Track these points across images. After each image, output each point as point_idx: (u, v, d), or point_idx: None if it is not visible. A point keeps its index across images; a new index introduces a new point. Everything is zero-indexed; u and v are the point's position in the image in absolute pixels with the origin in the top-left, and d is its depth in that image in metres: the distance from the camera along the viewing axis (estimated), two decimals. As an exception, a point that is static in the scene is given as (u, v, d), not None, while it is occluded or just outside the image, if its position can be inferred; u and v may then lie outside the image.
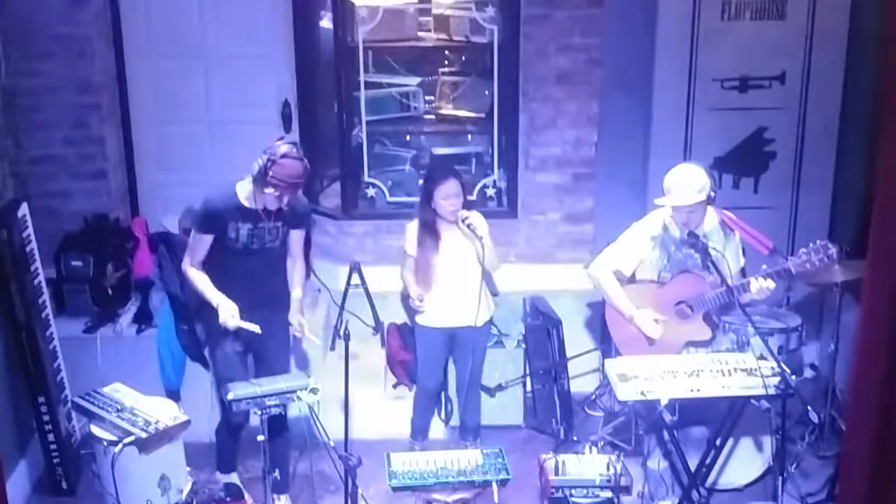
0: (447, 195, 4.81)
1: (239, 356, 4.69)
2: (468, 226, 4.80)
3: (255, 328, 4.49)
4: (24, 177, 5.56)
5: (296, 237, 4.71)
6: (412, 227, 4.97)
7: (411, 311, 5.16)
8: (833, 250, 4.47)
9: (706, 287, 4.68)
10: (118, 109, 6.06)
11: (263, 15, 6.02)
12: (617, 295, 4.79)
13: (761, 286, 4.52)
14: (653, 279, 4.81)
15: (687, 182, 4.57)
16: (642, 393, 4.26)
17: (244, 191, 4.54)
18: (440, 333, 5.02)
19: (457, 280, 4.91)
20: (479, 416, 5.26)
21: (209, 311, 4.58)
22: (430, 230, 4.89)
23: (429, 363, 5.13)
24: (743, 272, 4.79)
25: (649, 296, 4.78)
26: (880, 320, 3.59)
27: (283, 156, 4.37)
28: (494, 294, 5.15)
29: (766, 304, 5.21)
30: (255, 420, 4.37)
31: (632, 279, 4.85)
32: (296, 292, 4.72)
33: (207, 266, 4.59)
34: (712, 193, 4.66)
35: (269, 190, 4.40)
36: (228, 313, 4.46)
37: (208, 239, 4.54)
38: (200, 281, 4.58)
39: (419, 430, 5.26)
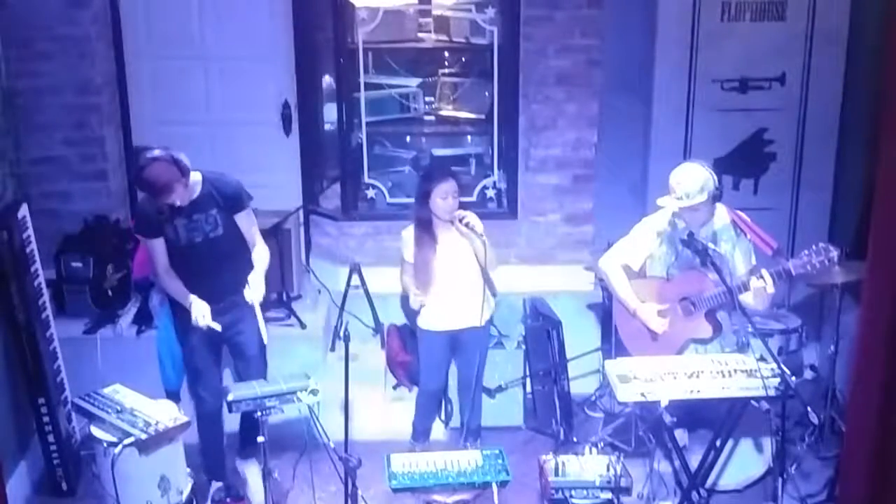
0: (446, 194, 4.80)
1: (208, 348, 4.70)
2: (466, 224, 4.79)
3: (217, 326, 4.54)
4: (24, 178, 5.56)
5: (242, 220, 4.64)
6: (408, 233, 4.94)
7: (412, 315, 5.15)
8: (834, 253, 4.47)
9: (710, 285, 4.68)
10: (118, 110, 6.06)
11: (263, 16, 6.02)
12: (622, 288, 4.80)
13: (758, 286, 4.51)
14: (662, 276, 4.81)
15: (687, 182, 4.56)
16: (642, 394, 4.27)
17: None
18: (443, 336, 5.01)
19: (456, 280, 4.90)
20: (480, 416, 5.25)
21: (180, 309, 4.63)
22: (426, 231, 4.88)
23: (431, 366, 5.12)
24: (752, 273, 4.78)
25: (654, 291, 4.78)
26: (880, 321, 3.60)
27: (141, 168, 4.35)
28: (494, 295, 5.16)
29: (762, 313, 5.20)
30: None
31: (641, 275, 4.85)
32: (253, 273, 4.63)
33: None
34: (717, 191, 4.65)
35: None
36: (200, 313, 4.52)
37: (159, 242, 4.58)
38: (171, 284, 4.63)
39: (421, 432, 5.26)
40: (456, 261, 4.89)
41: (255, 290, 4.58)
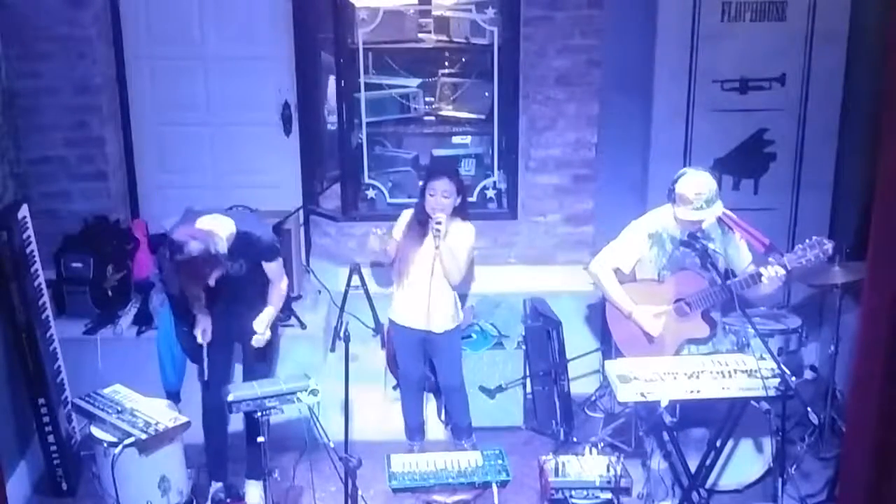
0: (434, 191, 4.84)
1: (220, 345, 4.74)
2: (436, 228, 4.82)
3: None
4: (24, 178, 5.56)
5: (269, 269, 4.69)
6: (407, 212, 5.06)
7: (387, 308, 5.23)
8: (829, 245, 4.48)
9: (704, 284, 4.68)
10: (118, 111, 6.05)
11: (263, 16, 6.02)
12: (616, 292, 4.81)
13: (772, 274, 4.51)
14: (653, 278, 4.81)
15: (706, 191, 4.56)
16: (642, 394, 4.27)
17: None
18: (412, 332, 5.05)
19: (429, 282, 4.93)
20: (469, 415, 5.26)
21: (180, 309, 4.75)
22: (419, 224, 4.94)
23: (405, 358, 5.19)
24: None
25: (648, 293, 4.79)
26: (880, 321, 3.59)
27: (180, 263, 4.30)
28: (465, 293, 5.16)
29: (768, 303, 5.22)
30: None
31: (632, 278, 4.86)
32: (268, 309, 4.76)
33: None
34: None
35: None
36: (201, 328, 4.65)
37: None
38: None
39: (414, 429, 5.28)
40: (435, 262, 4.92)
41: (258, 333, 4.68)
